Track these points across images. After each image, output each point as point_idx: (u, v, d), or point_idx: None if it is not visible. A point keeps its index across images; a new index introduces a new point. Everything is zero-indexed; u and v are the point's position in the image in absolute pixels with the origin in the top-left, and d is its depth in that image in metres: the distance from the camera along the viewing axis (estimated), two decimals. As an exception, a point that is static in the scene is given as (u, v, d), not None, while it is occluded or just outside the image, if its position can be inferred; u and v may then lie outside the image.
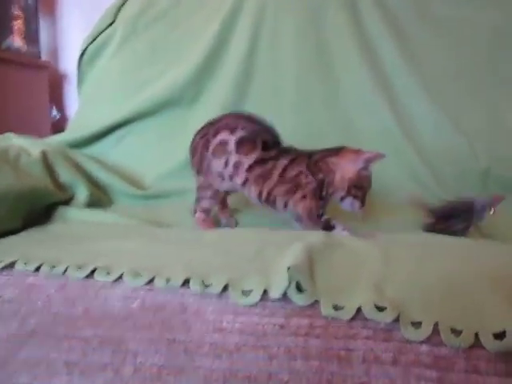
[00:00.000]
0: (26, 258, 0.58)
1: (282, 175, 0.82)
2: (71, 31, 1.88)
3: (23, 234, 0.79)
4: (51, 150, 1.01)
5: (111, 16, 1.42)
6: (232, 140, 0.83)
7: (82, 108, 1.42)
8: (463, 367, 0.44)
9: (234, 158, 0.83)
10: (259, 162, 0.83)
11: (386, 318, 0.46)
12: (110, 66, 1.39)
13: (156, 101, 1.30)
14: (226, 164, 0.84)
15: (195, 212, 0.92)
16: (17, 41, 1.73)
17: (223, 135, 0.84)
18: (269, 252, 0.59)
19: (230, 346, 0.45)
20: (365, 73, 1.28)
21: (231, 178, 0.85)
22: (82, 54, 1.42)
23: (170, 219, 0.99)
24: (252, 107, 1.28)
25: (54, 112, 1.83)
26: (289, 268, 0.49)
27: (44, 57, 1.85)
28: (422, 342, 0.45)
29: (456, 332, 0.45)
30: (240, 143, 0.83)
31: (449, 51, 1.30)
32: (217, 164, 0.85)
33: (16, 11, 1.73)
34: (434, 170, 1.20)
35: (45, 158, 0.97)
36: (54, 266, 0.56)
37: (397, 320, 0.46)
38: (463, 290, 0.50)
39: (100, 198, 1.09)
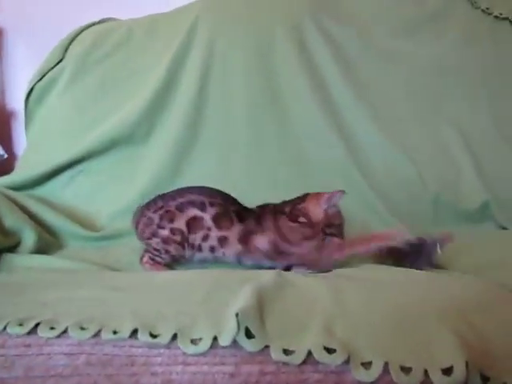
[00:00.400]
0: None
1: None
2: (18, 68, 1.84)
3: (-37, 286, 0.75)
4: (-5, 194, 0.98)
5: (60, 53, 1.40)
6: (207, 217, 0.87)
7: (30, 147, 1.38)
8: (414, 405, 0.44)
9: (215, 234, 0.87)
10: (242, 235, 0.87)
11: (337, 360, 0.46)
12: (59, 104, 1.37)
13: (107, 139, 1.28)
14: (205, 238, 0.88)
15: (143, 257, 0.92)
16: (-40, 80, 1.68)
17: (193, 211, 0.88)
18: (219, 295, 0.58)
19: (180, 399, 0.44)
20: (314, 105, 1.30)
21: (213, 249, 0.88)
22: (30, 92, 1.39)
23: (123, 261, 0.97)
24: (204, 143, 1.30)
25: (1, 151, 1.77)
26: (237, 314, 0.48)
27: (-11, 94, 1.80)
28: (373, 383, 0.45)
29: (406, 370, 0.46)
30: (216, 219, 0.87)
31: (393, 81, 1.35)
32: (192, 238, 0.88)
33: (-40, 49, 1.69)
34: (386, 198, 1.23)
35: (-12, 204, 0.93)
36: (-9, 323, 0.53)
37: (347, 361, 0.46)
38: (411, 327, 0.51)
39: (49, 242, 1.06)
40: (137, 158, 1.30)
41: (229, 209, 0.89)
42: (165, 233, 0.89)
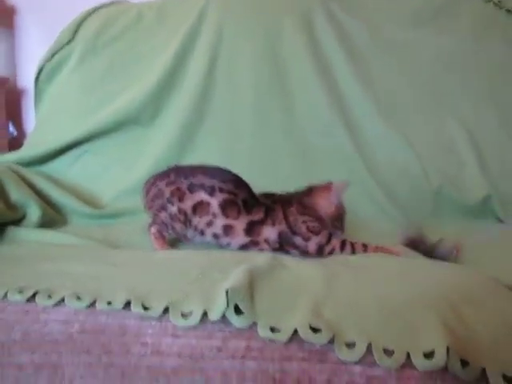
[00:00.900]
0: (-35, 282, 0.58)
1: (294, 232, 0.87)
2: (30, 47, 1.86)
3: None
4: (2, 168, 1.00)
5: (70, 34, 1.42)
6: (214, 203, 0.86)
7: (39, 125, 1.40)
8: (394, 387, 0.46)
9: (221, 222, 0.86)
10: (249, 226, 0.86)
11: (321, 339, 0.47)
12: (68, 84, 1.39)
13: (114, 119, 1.30)
14: (210, 224, 0.87)
15: (151, 227, 0.92)
16: (-28, 56, 1.71)
17: (201, 195, 0.87)
18: (213, 274, 0.60)
19: (167, 369, 0.46)
20: (321, 95, 1.31)
21: (216, 236, 0.87)
22: (40, 72, 1.41)
23: (124, 238, 0.99)
24: (210, 128, 1.31)
25: (11, 129, 1.79)
26: (227, 291, 0.50)
27: (1, 72, 1.82)
28: (355, 363, 0.47)
29: (388, 352, 0.47)
30: (223, 206, 0.86)
31: (399, 74, 1.35)
32: (197, 220, 0.87)
33: (-27, 27, 1.71)
34: (388, 190, 1.24)
35: (-4, 178, 0.95)
36: (-8, 290, 0.55)
37: (332, 341, 0.47)
38: (397, 311, 0.52)
39: (54, 218, 1.08)
40: (142, 140, 1.31)
41: (238, 197, 0.87)
42: (173, 209, 0.88)
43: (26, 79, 1.84)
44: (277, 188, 0.99)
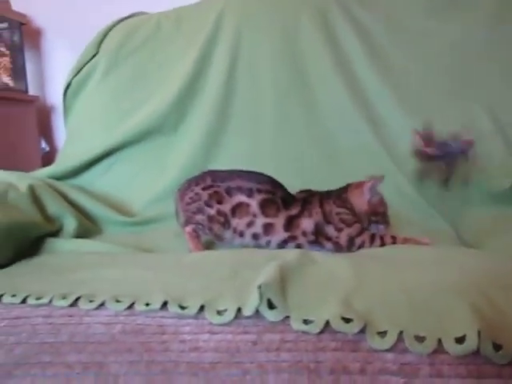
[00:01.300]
0: (14, 291, 0.61)
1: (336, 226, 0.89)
2: (57, 64, 1.93)
3: (12, 267, 0.81)
4: (38, 183, 1.04)
5: (94, 48, 1.47)
6: (253, 203, 0.89)
7: (69, 140, 1.46)
8: (427, 372, 0.46)
9: (261, 221, 0.89)
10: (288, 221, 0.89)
11: (353, 329, 0.49)
12: (94, 97, 1.43)
13: (139, 129, 1.34)
14: (250, 225, 0.89)
15: (186, 226, 0.95)
16: (4, 78, 1.78)
17: (240, 197, 0.90)
18: (244, 272, 0.62)
19: (206, 363, 0.48)
20: (341, 89, 1.32)
21: (257, 237, 0.90)
22: (67, 87, 1.46)
23: (157, 244, 1.02)
24: (233, 131, 1.33)
25: (43, 145, 1.86)
26: (260, 286, 0.52)
27: (31, 91, 1.89)
28: (387, 351, 0.48)
29: (420, 339, 0.48)
30: (263, 206, 0.89)
31: (419, 62, 1.34)
32: (236, 222, 0.90)
33: (2, 48, 1.78)
34: (414, 181, 1.23)
35: (32, 192, 0.99)
36: (39, 297, 0.59)
37: (363, 331, 0.49)
38: (427, 299, 0.53)
39: (89, 228, 1.12)
40: (168, 148, 1.35)
41: (276, 195, 0.90)
42: (212, 212, 0.91)
43: (55, 96, 1.91)
44: (301, 181, 1.02)
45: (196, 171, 1.26)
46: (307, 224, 0.88)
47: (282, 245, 0.89)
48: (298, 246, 0.89)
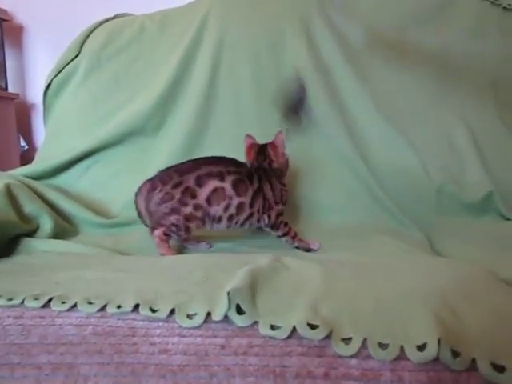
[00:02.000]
0: (-15, 291, 0.61)
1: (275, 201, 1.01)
2: (38, 62, 1.92)
3: (-14, 267, 0.81)
4: (15, 182, 1.04)
5: (76, 49, 1.47)
6: (228, 186, 0.93)
7: (48, 139, 1.45)
8: (389, 378, 0.48)
9: (236, 201, 0.94)
10: (252, 198, 0.96)
11: (319, 335, 0.50)
12: (75, 98, 1.43)
13: (121, 130, 1.34)
14: (227, 208, 0.93)
15: (155, 230, 0.94)
16: (-17, 74, 1.76)
17: (214, 183, 0.93)
18: (217, 276, 0.63)
19: (174, 366, 0.49)
20: (320, 95, 1.34)
21: (231, 218, 0.95)
22: (48, 87, 1.46)
23: (134, 246, 1.04)
24: (214, 133, 1.35)
25: (22, 143, 1.85)
26: (229, 292, 0.53)
27: (11, 88, 1.87)
28: (351, 357, 0.49)
29: (383, 346, 0.50)
30: (235, 186, 0.93)
31: (398, 73, 1.38)
32: (214, 210, 0.93)
33: (-18, 45, 1.76)
34: (389, 188, 1.26)
35: (9, 191, 0.99)
36: (11, 298, 0.59)
37: (329, 337, 0.50)
38: (392, 307, 0.55)
39: (65, 229, 1.12)
40: (149, 149, 1.35)
41: (242, 174, 0.96)
42: (187, 210, 0.92)
43: (36, 94, 1.90)
44: None
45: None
46: (260, 201, 0.97)
47: (244, 222, 0.96)
48: (251, 224, 0.98)
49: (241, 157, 1.26)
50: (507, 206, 1.21)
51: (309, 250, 1.01)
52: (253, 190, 0.96)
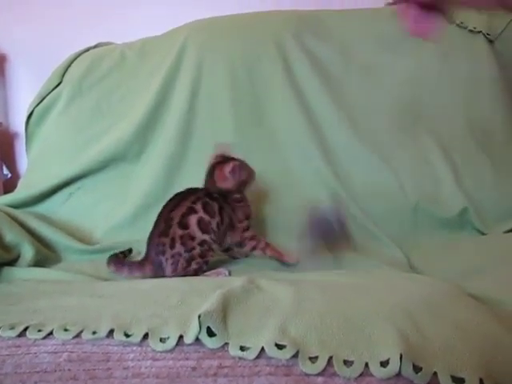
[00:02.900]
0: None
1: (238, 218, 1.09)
2: (21, 91, 1.95)
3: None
4: (-3, 211, 1.05)
5: (57, 78, 1.50)
6: (201, 214, 0.99)
7: (30, 167, 1.47)
8: (354, 394, 0.50)
9: (214, 222, 1.01)
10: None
11: (286, 354, 0.52)
12: (57, 126, 1.45)
13: (102, 157, 1.37)
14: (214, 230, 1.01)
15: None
16: (-33, 105, 1.78)
17: (192, 219, 0.98)
18: (191, 300, 0.65)
19: (147, 389, 0.50)
20: (297, 119, 1.38)
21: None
22: (30, 115, 1.48)
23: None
24: (193, 160, 1.37)
25: (6, 171, 1.86)
26: (200, 316, 0.55)
27: (-6, 117, 1.89)
28: (318, 375, 0.51)
29: (348, 363, 0.51)
30: (206, 211, 1.00)
31: (372, 95, 1.42)
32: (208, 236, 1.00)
33: (-35, 76, 1.78)
34: (366, 208, 1.28)
35: (-11, 220, 1.00)
36: (-14, 328, 0.60)
37: (296, 356, 0.52)
38: (357, 325, 0.56)
39: (47, 256, 1.12)
40: (130, 175, 1.37)
41: (207, 198, 1.01)
42: (197, 251, 0.97)
43: (18, 123, 1.92)
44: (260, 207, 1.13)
45: (157, 198, 1.30)
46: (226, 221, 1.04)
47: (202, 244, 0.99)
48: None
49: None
50: (482, 221, 1.24)
51: (283, 261, 1.06)
52: (217, 210, 1.02)
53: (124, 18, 1.84)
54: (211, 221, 0.99)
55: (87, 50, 1.60)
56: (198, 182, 1.34)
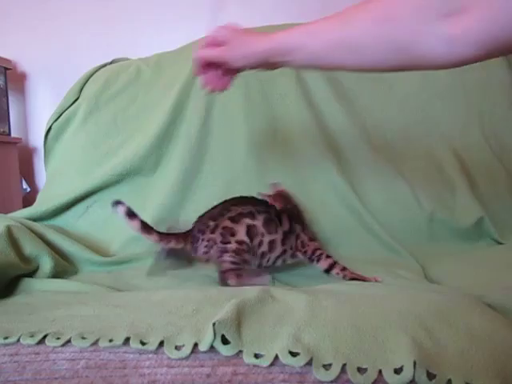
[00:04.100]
0: (-18, 331, 0.64)
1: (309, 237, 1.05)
2: (40, 108, 2.00)
3: (-15, 307, 0.83)
4: (16, 224, 1.07)
5: (75, 94, 1.53)
6: (259, 224, 0.97)
7: (49, 182, 1.50)
8: (367, 401, 0.50)
9: (267, 239, 0.97)
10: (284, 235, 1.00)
11: (299, 362, 0.52)
12: (74, 141, 1.48)
13: (119, 171, 1.39)
14: (260, 245, 0.97)
15: (227, 279, 0.96)
16: (-13, 121, 1.83)
17: (247, 221, 0.97)
18: (205, 309, 0.65)
19: (162, 396, 0.51)
20: (311, 132, 1.39)
21: (263, 255, 0.98)
22: (48, 131, 1.51)
23: (132, 283, 1.05)
24: (208, 173, 1.39)
25: (25, 185, 1.90)
26: (214, 323, 0.55)
27: (14, 133, 1.94)
28: (331, 382, 0.51)
29: (362, 370, 0.52)
30: (266, 224, 0.98)
31: (386, 106, 1.44)
32: (253, 245, 0.97)
33: (-14, 93, 1.84)
34: (381, 219, 1.29)
35: (9, 233, 1.02)
36: (7, 337, 0.61)
37: (310, 363, 0.52)
38: (371, 332, 0.57)
39: (65, 268, 1.14)
40: (146, 188, 1.39)
41: (271, 214, 1.00)
42: (233, 246, 0.95)
43: (37, 138, 1.97)
44: None
45: (173, 211, 1.33)
46: (293, 239, 1.00)
47: (276, 260, 0.99)
48: (284, 260, 1.00)
49: (233, 192, 1.30)
50: (499, 231, 1.24)
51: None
52: (283, 230, 1.00)
53: (140, 34, 1.89)
54: (265, 235, 0.98)
55: (104, 66, 1.63)
56: (213, 194, 1.36)
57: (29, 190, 1.92)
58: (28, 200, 1.85)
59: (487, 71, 1.42)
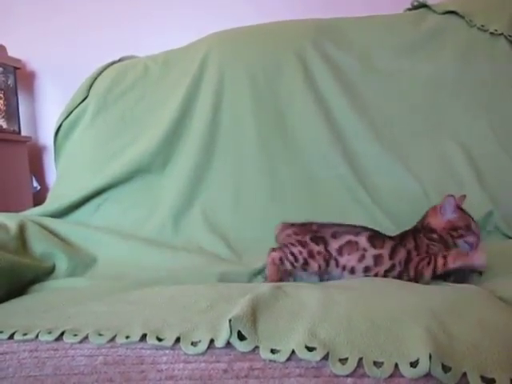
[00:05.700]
0: (1, 328, 0.64)
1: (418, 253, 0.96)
2: (49, 106, 2.02)
3: (3, 305, 0.84)
4: (28, 222, 1.08)
5: (84, 92, 1.54)
6: (362, 240, 0.95)
7: (59, 180, 1.51)
8: (384, 394, 0.50)
9: (371, 253, 0.94)
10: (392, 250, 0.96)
11: (316, 356, 0.53)
12: (83, 139, 1.49)
13: (128, 168, 1.40)
14: (361, 259, 0.95)
15: (272, 252, 0.98)
16: (-2, 119, 1.85)
17: (348, 237, 0.96)
18: (220, 306, 0.66)
19: (180, 391, 0.52)
20: (320, 128, 1.39)
21: (367, 269, 0.95)
22: (58, 129, 1.52)
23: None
24: (218, 169, 1.39)
25: (35, 183, 1.91)
26: (230, 320, 0.56)
27: (24, 132, 1.95)
28: (347, 376, 0.52)
29: (378, 364, 0.52)
30: (371, 240, 0.95)
31: (393, 100, 1.43)
32: (345, 259, 0.95)
33: (-4, 92, 1.85)
34: (391, 213, 1.28)
35: (22, 233, 1.03)
36: (26, 333, 0.62)
37: (326, 358, 0.53)
38: (386, 326, 0.57)
39: (79, 263, 1.13)
40: (156, 185, 1.40)
41: (379, 232, 0.99)
42: (316, 248, 0.95)
43: (47, 137, 1.98)
44: (284, 216, 1.11)
45: (183, 208, 1.33)
46: (402, 253, 0.95)
47: (386, 274, 0.94)
48: (393, 276, 0.94)
49: (244, 193, 1.29)
50: (508, 225, 1.23)
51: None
52: (391, 244, 0.96)
53: (148, 32, 1.90)
54: (368, 250, 0.95)
55: (112, 63, 1.64)
56: (223, 190, 1.37)
57: (39, 188, 1.94)
58: (38, 198, 1.86)
59: (496, 65, 1.41)
